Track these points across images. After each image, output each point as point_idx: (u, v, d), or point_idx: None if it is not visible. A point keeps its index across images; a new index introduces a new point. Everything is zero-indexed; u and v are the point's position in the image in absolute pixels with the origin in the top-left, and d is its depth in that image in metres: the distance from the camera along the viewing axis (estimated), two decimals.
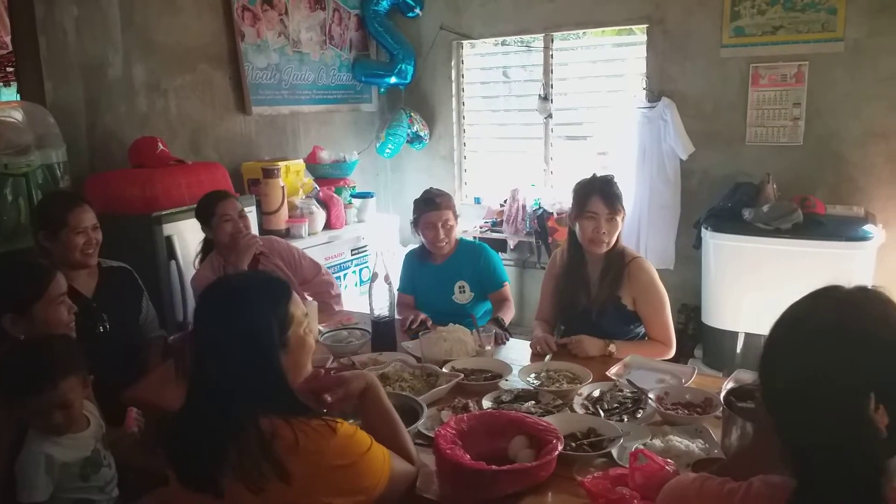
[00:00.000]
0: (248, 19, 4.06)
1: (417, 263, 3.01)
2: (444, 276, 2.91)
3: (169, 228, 3.03)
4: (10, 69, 4.11)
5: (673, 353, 2.50)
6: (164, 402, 2.13)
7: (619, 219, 2.47)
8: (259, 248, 2.82)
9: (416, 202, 2.92)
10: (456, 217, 2.92)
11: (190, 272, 2.99)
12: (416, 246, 3.08)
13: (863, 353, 0.97)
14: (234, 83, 4.03)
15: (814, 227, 3.46)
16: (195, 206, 2.86)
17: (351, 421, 1.46)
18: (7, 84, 4.27)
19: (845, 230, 3.42)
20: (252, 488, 1.27)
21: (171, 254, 3.03)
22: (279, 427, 1.31)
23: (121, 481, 1.83)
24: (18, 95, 3.39)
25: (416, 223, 2.92)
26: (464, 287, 2.89)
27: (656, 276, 2.52)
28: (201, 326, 1.41)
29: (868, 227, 3.45)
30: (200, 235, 2.92)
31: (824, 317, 1.01)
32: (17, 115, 2.92)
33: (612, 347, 2.38)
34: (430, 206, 2.84)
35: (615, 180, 2.55)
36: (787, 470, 1.03)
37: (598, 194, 2.46)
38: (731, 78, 3.99)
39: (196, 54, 3.82)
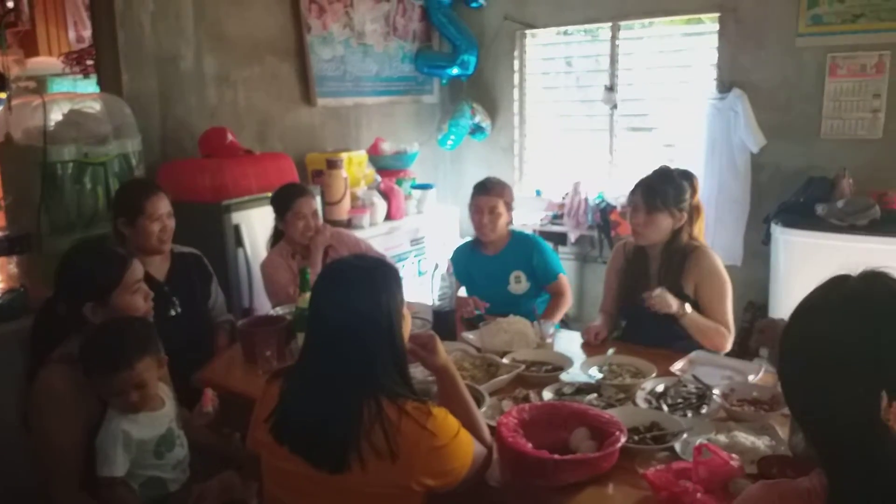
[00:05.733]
0: (314, 11, 4.12)
1: (469, 255, 3.03)
2: (499, 266, 2.92)
3: (237, 217, 3.10)
4: (90, 62, 4.28)
5: (730, 343, 2.42)
6: (231, 385, 2.21)
7: (660, 215, 2.41)
8: (328, 242, 2.89)
9: (473, 186, 2.98)
10: (508, 207, 2.93)
11: (257, 260, 3.07)
12: (463, 242, 3.14)
13: (869, 349, 0.95)
14: (299, 75, 4.11)
15: (892, 223, 3.32)
16: (266, 195, 2.93)
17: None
18: (86, 76, 4.46)
19: None
20: (360, 463, 1.35)
21: (239, 241, 3.11)
22: (386, 406, 1.38)
23: (190, 463, 1.90)
24: (98, 87, 3.53)
25: (469, 207, 2.97)
26: (519, 277, 2.89)
27: (721, 264, 2.46)
28: (326, 309, 1.47)
29: None
30: (268, 225, 3.00)
31: (831, 312, 1.00)
32: (97, 107, 3.04)
33: (689, 308, 2.35)
34: (481, 191, 2.91)
35: (674, 175, 2.49)
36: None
37: (640, 189, 2.48)
38: (806, 68, 3.85)
39: (264, 47, 3.90)
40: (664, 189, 2.43)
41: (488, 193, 2.89)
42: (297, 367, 1.52)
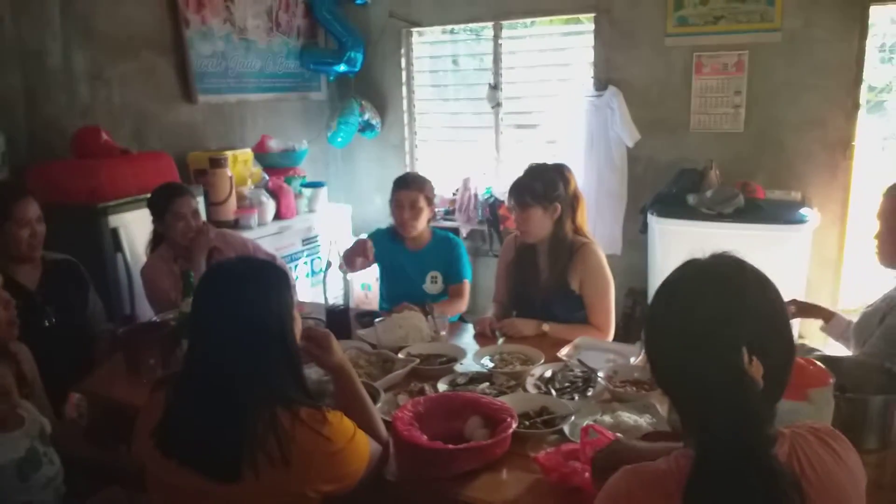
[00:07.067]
0: (192, 6, 3.97)
1: (391, 242, 2.97)
2: (419, 264, 2.93)
3: (115, 220, 2.97)
4: None
5: (611, 335, 2.56)
6: (114, 395, 2.11)
7: (532, 210, 2.50)
8: (212, 243, 2.79)
9: (394, 181, 2.95)
10: (429, 202, 2.92)
11: (137, 265, 2.94)
12: (381, 228, 3.11)
13: (727, 312, 1.06)
14: (178, 71, 3.95)
15: (754, 211, 3.57)
16: (145, 196, 2.81)
17: (326, 403, 1.48)
18: None
19: (783, 214, 3.56)
20: (253, 473, 1.31)
21: (118, 246, 2.97)
22: (280, 414, 1.34)
23: (68, 476, 1.79)
24: None
25: (390, 202, 2.93)
26: (436, 278, 2.92)
27: (605, 261, 2.59)
28: (209, 313, 1.41)
29: (804, 211, 3.59)
30: (147, 227, 2.87)
31: (689, 287, 1.11)
32: None
33: (546, 327, 2.46)
34: (401, 185, 2.88)
35: (542, 170, 2.58)
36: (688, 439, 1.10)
37: (511, 191, 2.57)
38: (675, 66, 4.09)
39: (139, 41, 3.72)
40: (531, 185, 2.52)
41: (408, 188, 2.86)
42: (181, 377, 1.45)
